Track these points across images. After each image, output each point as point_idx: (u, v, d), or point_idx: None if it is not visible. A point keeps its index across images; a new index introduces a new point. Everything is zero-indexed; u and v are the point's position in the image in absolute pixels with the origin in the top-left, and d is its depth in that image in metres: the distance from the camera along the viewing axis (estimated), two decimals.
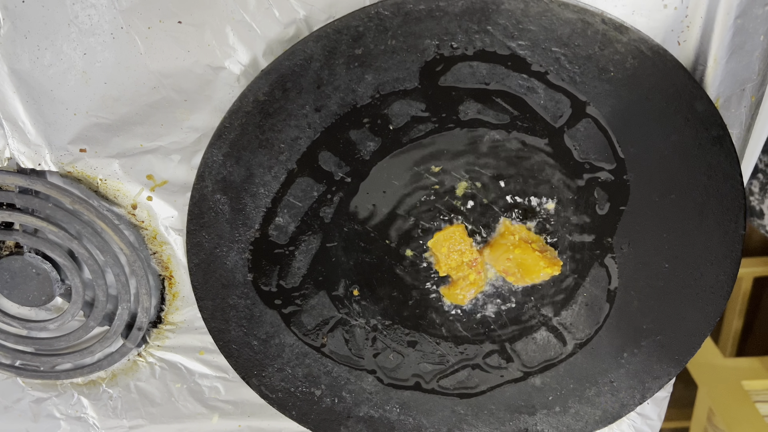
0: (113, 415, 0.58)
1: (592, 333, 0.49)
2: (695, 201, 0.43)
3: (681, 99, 0.40)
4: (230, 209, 0.45)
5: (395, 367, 0.52)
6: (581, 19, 0.39)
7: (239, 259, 0.47)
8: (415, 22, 0.39)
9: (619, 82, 0.40)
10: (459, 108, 0.42)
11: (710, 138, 0.41)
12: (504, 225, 0.46)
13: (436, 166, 0.45)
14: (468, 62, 0.41)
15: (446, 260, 0.47)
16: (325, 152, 0.44)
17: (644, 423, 0.55)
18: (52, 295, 0.51)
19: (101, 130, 0.45)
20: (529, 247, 0.45)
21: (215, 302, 0.48)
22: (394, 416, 0.53)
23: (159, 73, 0.42)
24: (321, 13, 0.41)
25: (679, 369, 0.48)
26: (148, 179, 0.47)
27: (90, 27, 0.41)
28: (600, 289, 0.48)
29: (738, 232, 0.44)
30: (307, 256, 0.47)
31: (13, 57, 0.42)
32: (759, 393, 1.04)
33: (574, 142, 0.43)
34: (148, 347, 0.55)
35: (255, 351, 0.50)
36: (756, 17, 0.40)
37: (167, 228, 0.49)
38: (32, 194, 0.47)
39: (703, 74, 0.42)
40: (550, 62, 0.40)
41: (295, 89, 0.41)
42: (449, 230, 0.46)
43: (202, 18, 0.41)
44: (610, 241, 0.46)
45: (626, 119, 0.42)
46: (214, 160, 0.43)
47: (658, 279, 0.46)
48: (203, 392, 0.56)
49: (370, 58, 0.41)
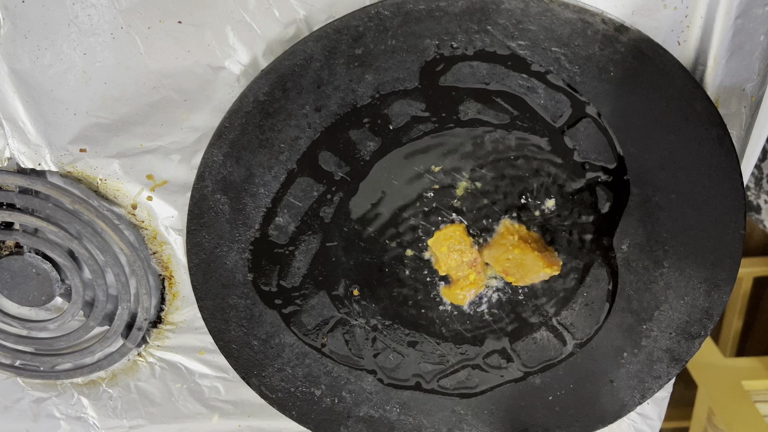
0: (113, 415, 0.58)
1: (592, 333, 0.49)
2: (695, 201, 0.43)
3: (681, 99, 0.40)
4: (230, 209, 0.45)
5: (395, 367, 0.52)
6: (581, 19, 0.39)
7: (239, 259, 0.47)
8: (415, 22, 0.39)
9: (619, 82, 0.40)
10: (459, 108, 0.42)
11: (710, 138, 0.41)
12: (504, 225, 0.46)
13: (436, 166, 0.45)
14: (468, 62, 0.41)
15: (446, 260, 0.47)
16: (325, 152, 0.44)
17: (644, 423, 0.55)
18: (52, 295, 0.51)
19: (101, 130, 0.45)
20: (528, 247, 0.45)
21: (215, 302, 0.48)
22: (394, 416, 0.53)
23: (159, 73, 0.42)
24: (321, 13, 0.41)
25: (679, 369, 0.48)
26: (148, 179, 0.47)
27: (90, 27, 0.41)
28: (600, 289, 0.48)
29: (738, 232, 0.44)
30: (307, 256, 0.48)
31: (13, 57, 0.42)
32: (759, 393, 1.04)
33: (574, 142, 0.43)
34: (148, 347, 0.55)
35: (255, 351, 0.50)
36: (756, 17, 0.40)
37: (167, 228, 0.49)
38: (32, 194, 0.47)
39: (703, 74, 0.42)
40: (550, 62, 0.40)
41: (295, 89, 0.41)
42: (449, 229, 0.46)
43: (202, 18, 0.41)
44: (610, 241, 0.46)
45: (626, 119, 0.42)
46: (214, 160, 0.43)
47: (658, 279, 0.46)
48: (203, 392, 0.56)
49: (370, 58, 0.41)
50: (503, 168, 0.45)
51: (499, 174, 0.45)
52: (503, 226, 0.46)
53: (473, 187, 0.46)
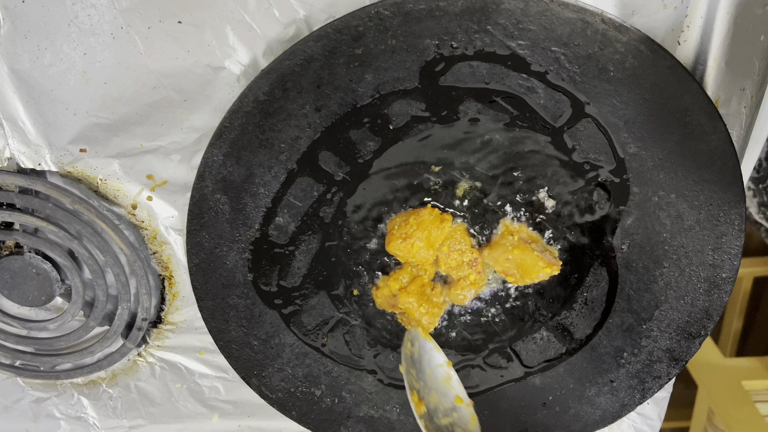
0: (113, 415, 0.58)
1: (592, 333, 0.49)
2: (695, 201, 0.43)
3: (681, 99, 0.40)
4: (230, 209, 0.45)
5: (395, 367, 0.51)
6: (581, 18, 0.39)
7: (239, 259, 0.47)
8: (415, 22, 0.39)
9: (618, 82, 0.40)
10: (459, 108, 0.42)
11: (710, 138, 0.41)
12: (504, 225, 0.46)
13: (436, 166, 0.45)
14: (468, 62, 0.41)
15: (446, 260, 0.47)
16: (325, 152, 0.44)
17: (644, 423, 0.55)
18: (52, 295, 0.51)
19: (101, 130, 0.45)
20: (527, 248, 0.45)
21: (215, 302, 0.48)
22: (394, 416, 0.53)
23: (159, 73, 0.42)
24: (321, 13, 0.41)
25: (679, 369, 0.48)
26: (148, 179, 0.47)
27: (90, 27, 0.41)
28: (600, 289, 0.48)
29: (738, 232, 0.44)
30: (307, 256, 0.47)
31: (13, 57, 0.42)
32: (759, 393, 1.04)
33: (573, 142, 0.43)
34: (148, 347, 0.55)
35: (255, 351, 0.50)
36: (756, 17, 0.40)
37: (167, 228, 0.49)
38: (32, 194, 0.47)
39: (703, 74, 0.42)
40: (550, 62, 0.40)
41: (296, 89, 0.41)
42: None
43: (202, 18, 0.41)
44: (610, 241, 0.46)
45: (626, 119, 0.42)
46: (215, 159, 0.43)
47: (658, 279, 0.46)
48: (203, 392, 0.56)
49: (370, 58, 0.41)
50: (503, 168, 0.45)
51: (499, 174, 0.45)
52: (503, 226, 0.46)
53: (473, 187, 0.46)
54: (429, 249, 0.45)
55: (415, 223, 0.45)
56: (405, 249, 0.45)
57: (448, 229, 0.45)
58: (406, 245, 0.45)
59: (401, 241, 0.45)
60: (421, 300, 0.47)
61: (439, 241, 0.45)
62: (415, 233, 0.44)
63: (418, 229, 0.44)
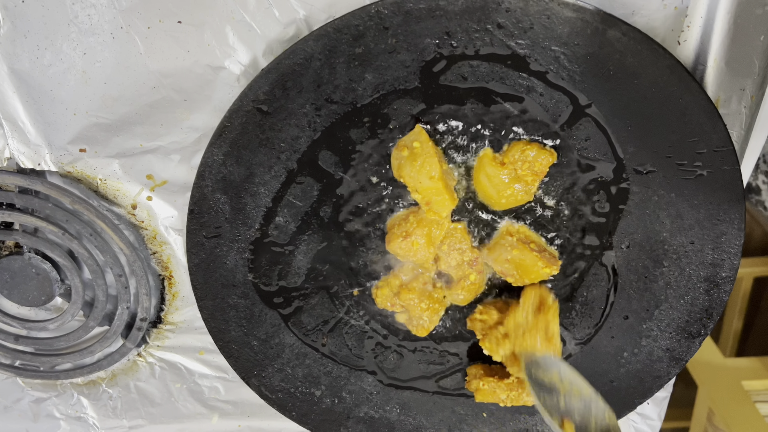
0: (113, 415, 0.58)
1: (592, 333, 0.49)
2: (695, 200, 0.43)
3: (681, 99, 0.40)
4: (230, 209, 0.45)
5: (395, 367, 0.51)
6: (581, 18, 0.39)
7: (239, 259, 0.47)
8: (415, 21, 0.39)
9: (618, 82, 0.40)
10: (459, 107, 0.42)
11: (710, 138, 0.41)
12: (504, 225, 0.46)
13: None
14: (468, 61, 0.41)
15: (446, 259, 0.47)
16: (325, 151, 0.44)
17: (644, 423, 0.55)
18: (52, 295, 0.51)
19: (101, 130, 0.45)
20: (527, 248, 0.45)
21: (215, 302, 0.48)
22: (394, 416, 0.53)
23: (159, 73, 0.42)
24: (321, 13, 0.41)
25: (679, 369, 0.48)
26: (148, 179, 0.47)
27: (90, 27, 0.41)
28: (600, 289, 0.48)
29: (738, 231, 0.44)
30: (307, 256, 0.47)
31: (13, 57, 0.42)
32: (759, 393, 1.04)
33: (573, 142, 0.43)
34: (148, 347, 0.55)
35: (255, 351, 0.50)
36: (756, 17, 0.40)
37: (167, 228, 0.49)
38: (32, 194, 0.47)
39: (703, 74, 0.42)
40: (550, 61, 0.40)
41: (296, 88, 0.41)
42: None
43: (202, 18, 0.41)
44: (610, 240, 0.46)
45: (626, 119, 0.42)
46: (215, 159, 0.43)
47: (658, 278, 0.46)
48: (203, 392, 0.56)
49: (371, 57, 0.41)
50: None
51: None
52: (503, 226, 0.46)
53: (473, 187, 0.46)
54: (429, 247, 0.45)
55: (415, 221, 0.45)
56: (405, 247, 0.45)
57: (447, 227, 0.45)
58: (406, 243, 0.45)
59: (401, 239, 0.45)
60: (422, 297, 0.47)
61: (439, 239, 0.45)
62: (415, 231, 0.44)
63: (418, 227, 0.44)
